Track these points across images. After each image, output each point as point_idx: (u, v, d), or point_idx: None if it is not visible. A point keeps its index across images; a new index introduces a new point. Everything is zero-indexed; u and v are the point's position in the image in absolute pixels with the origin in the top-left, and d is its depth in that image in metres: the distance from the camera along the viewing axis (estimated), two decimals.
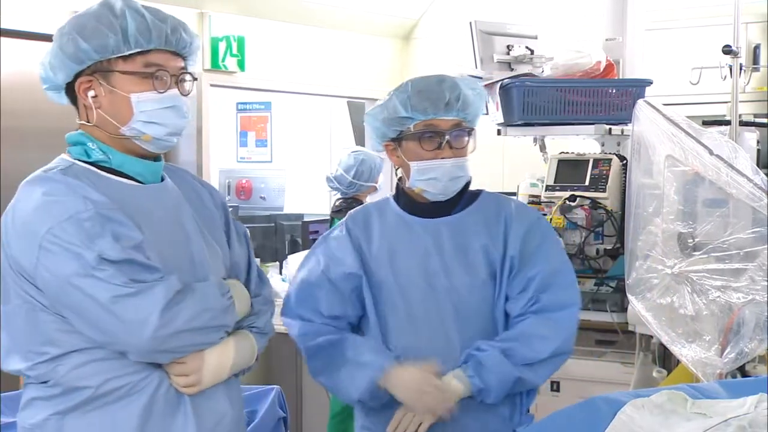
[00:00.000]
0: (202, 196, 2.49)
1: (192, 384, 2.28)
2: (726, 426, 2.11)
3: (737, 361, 3.06)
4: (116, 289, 2.14)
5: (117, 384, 2.23)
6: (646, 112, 3.52)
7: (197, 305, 2.23)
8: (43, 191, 2.19)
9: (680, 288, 3.24)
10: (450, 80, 2.79)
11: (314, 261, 2.87)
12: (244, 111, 8.93)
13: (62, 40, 2.27)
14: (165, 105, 2.29)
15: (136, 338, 2.16)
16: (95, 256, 2.14)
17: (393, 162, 2.86)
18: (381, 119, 2.79)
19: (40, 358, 2.23)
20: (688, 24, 6.04)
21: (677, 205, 3.35)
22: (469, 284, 2.79)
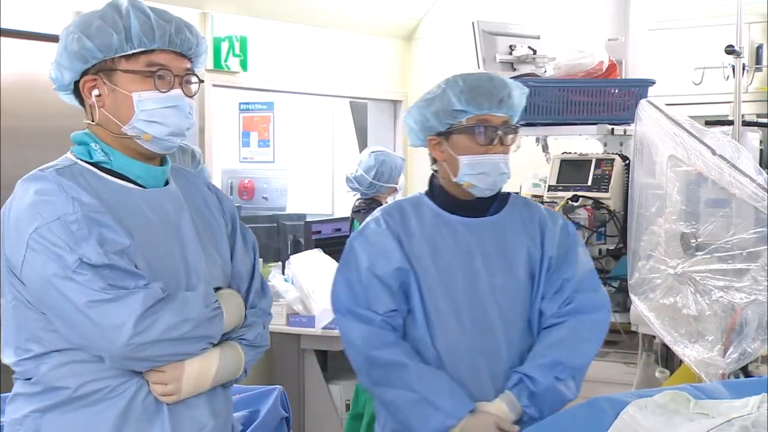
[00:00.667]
0: (209, 202, 2.47)
1: (170, 393, 2.26)
2: (729, 426, 2.11)
3: (740, 361, 3.06)
4: (92, 294, 2.14)
5: (95, 387, 2.22)
6: (649, 112, 3.52)
7: (177, 315, 2.21)
8: (36, 190, 2.20)
9: (683, 288, 3.24)
10: (499, 79, 2.84)
11: (356, 258, 2.81)
12: (247, 111, 8.93)
13: (68, 39, 2.28)
14: (167, 104, 2.29)
15: (109, 344, 2.16)
16: (75, 259, 2.14)
17: (436, 157, 2.84)
18: (431, 111, 2.79)
19: (25, 355, 2.24)
20: (691, 24, 6.03)
21: (680, 205, 3.35)
22: (511, 284, 2.82)
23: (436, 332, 2.76)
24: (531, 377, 2.72)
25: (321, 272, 5.81)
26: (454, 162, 2.79)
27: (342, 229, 5.98)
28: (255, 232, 6.35)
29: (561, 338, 2.77)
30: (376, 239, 2.81)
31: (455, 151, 2.78)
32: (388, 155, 5.31)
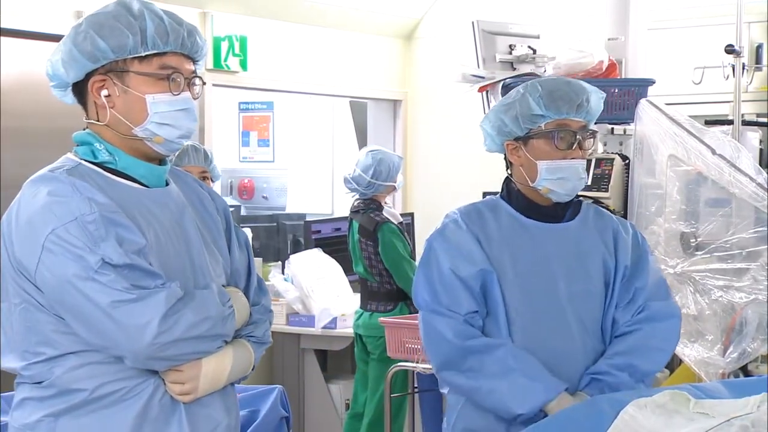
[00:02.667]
0: (205, 201, 2.47)
1: (187, 392, 2.27)
2: (729, 426, 2.11)
3: (740, 360, 3.06)
4: (117, 294, 2.13)
5: (112, 388, 2.22)
6: (649, 112, 3.52)
7: (198, 314, 2.22)
8: (49, 191, 2.18)
9: (683, 287, 3.24)
10: (577, 83, 2.86)
11: (437, 258, 2.81)
12: (247, 111, 8.93)
13: (78, 37, 2.26)
14: (178, 107, 2.29)
15: (134, 344, 2.15)
16: (98, 260, 2.13)
17: (513, 161, 2.85)
18: (510, 116, 2.79)
19: (35, 358, 2.22)
20: (691, 23, 6.03)
21: (680, 204, 3.35)
22: (588, 291, 2.83)
23: (517, 334, 2.78)
24: (604, 373, 2.75)
25: (321, 272, 5.82)
26: (532, 167, 2.80)
27: (342, 228, 5.98)
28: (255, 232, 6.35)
29: (633, 344, 2.79)
30: (457, 240, 2.81)
31: (534, 156, 2.79)
32: (386, 154, 5.31)
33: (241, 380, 2.46)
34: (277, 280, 5.85)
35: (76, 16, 5.30)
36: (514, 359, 2.70)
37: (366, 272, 5.22)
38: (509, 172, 2.89)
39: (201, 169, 3.92)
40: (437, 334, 2.76)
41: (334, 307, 5.69)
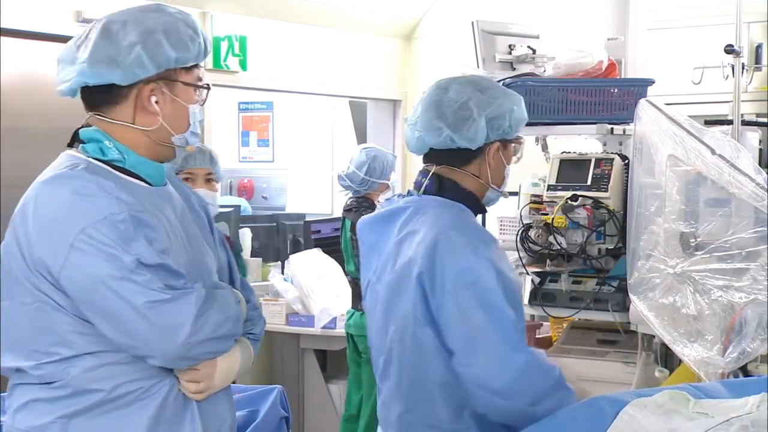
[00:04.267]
0: (191, 199, 2.49)
1: (202, 390, 2.29)
2: (728, 426, 2.11)
3: (739, 360, 3.06)
4: (152, 294, 2.14)
5: (129, 388, 2.22)
6: (648, 112, 3.52)
7: (221, 314, 2.25)
8: (72, 189, 2.17)
9: (682, 288, 3.24)
10: None
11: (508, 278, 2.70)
12: (246, 111, 8.94)
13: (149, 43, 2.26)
14: (201, 117, 2.38)
15: (167, 344, 2.17)
16: (133, 260, 2.14)
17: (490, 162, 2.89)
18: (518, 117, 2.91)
19: (47, 358, 2.20)
20: (691, 23, 6.03)
21: (679, 204, 3.34)
22: None
23: None
24: None
25: (320, 272, 5.82)
26: (501, 171, 2.89)
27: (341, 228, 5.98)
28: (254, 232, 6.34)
29: None
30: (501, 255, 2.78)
31: (506, 161, 2.89)
32: (380, 151, 5.31)
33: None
34: (277, 280, 5.85)
35: (76, 16, 5.31)
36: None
37: (357, 271, 5.22)
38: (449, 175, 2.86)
39: (207, 171, 3.92)
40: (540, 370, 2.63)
41: (334, 307, 5.69)
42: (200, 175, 3.88)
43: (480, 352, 2.57)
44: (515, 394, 2.56)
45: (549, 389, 2.58)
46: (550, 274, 4.02)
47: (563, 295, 3.95)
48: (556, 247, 3.89)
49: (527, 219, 4.03)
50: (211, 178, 3.93)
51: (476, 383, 2.58)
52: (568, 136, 4.38)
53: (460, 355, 2.60)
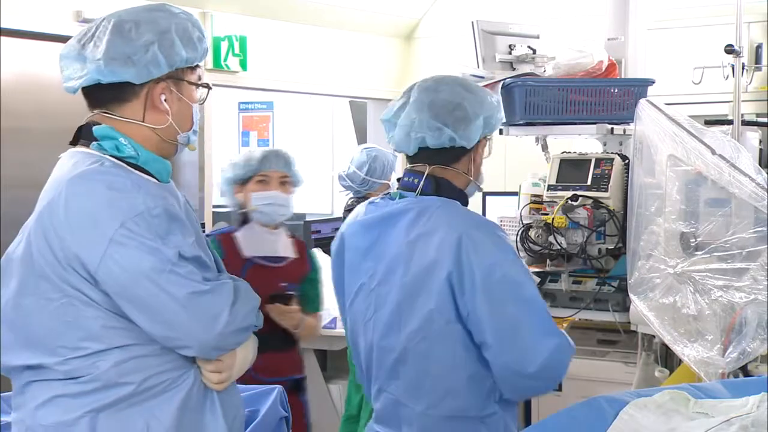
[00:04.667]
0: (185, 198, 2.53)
1: (224, 380, 2.34)
2: (728, 425, 2.11)
3: (739, 360, 3.06)
4: (194, 285, 2.20)
5: (158, 380, 2.26)
6: (649, 112, 3.52)
7: (247, 304, 2.31)
8: (108, 185, 2.21)
9: (682, 288, 3.24)
10: None
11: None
12: (246, 111, 8.93)
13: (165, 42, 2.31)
14: (200, 115, 2.46)
15: (206, 334, 2.22)
16: (175, 252, 2.19)
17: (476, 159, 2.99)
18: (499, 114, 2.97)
19: (74, 354, 2.22)
20: (691, 23, 6.03)
21: (679, 204, 3.34)
22: None
23: None
24: None
25: None
26: (480, 166, 2.99)
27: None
28: None
29: None
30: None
31: (483, 157, 2.99)
32: (381, 151, 5.30)
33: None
34: None
35: (76, 16, 5.30)
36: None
37: None
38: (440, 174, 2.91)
39: (281, 174, 3.93)
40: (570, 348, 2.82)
41: (334, 307, 5.67)
42: (275, 178, 3.91)
43: (518, 340, 2.72)
44: (548, 376, 2.78)
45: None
46: (551, 274, 4.02)
47: (563, 295, 3.96)
48: (556, 247, 3.89)
49: (527, 219, 4.03)
50: (286, 181, 3.94)
51: (511, 370, 2.73)
52: (568, 136, 4.38)
53: (497, 347, 2.73)
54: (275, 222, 3.87)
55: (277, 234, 3.89)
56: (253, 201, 3.86)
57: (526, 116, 4.09)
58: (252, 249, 3.83)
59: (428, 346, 2.77)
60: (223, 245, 3.83)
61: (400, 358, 2.83)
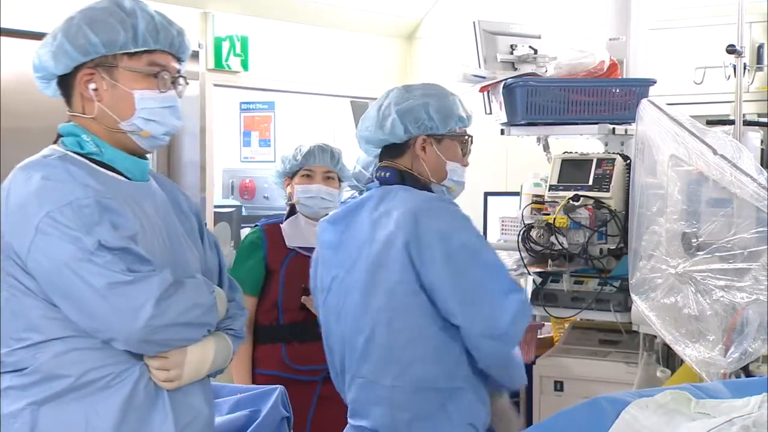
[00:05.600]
0: (180, 201, 2.51)
1: (172, 379, 2.28)
2: (730, 426, 2.11)
3: (741, 360, 3.06)
4: (113, 275, 2.16)
5: (98, 374, 2.22)
6: (650, 112, 3.52)
7: (189, 299, 2.25)
8: (42, 175, 2.22)
9: (684, 288, 3.24)
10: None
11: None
12: (248, 111, 8.92)
13: (70, 30, 2.32)
14: (165, 104, 2.35)
15: (128, 326, 2.17)
16: (94, 242, 2.15)
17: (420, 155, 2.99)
18: (436, 108, 2.96)
19: (18, 344, 2.22)
20: (692, 23, 6.02)
21: (681, 204, 3.34)
22: None
23: None
24: None
25: None
26: (440, 165, 2.99)
27: None
28: None
29: None
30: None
31: (445, 156, 2.98)
32: None
33: (218, 373, 2.47)
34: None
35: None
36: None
37: None
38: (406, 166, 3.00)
39: (325, 169, 3.99)
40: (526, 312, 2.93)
41: None
42: (319, 173, 3.98)
43: (484, 303, 2.81)
44: (515, 333, 2.86)
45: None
46: (552, 275, 4.02)
47: (565, 295, 3.96)
48: (557, 247, 3.89)
49: (529, 219, 4.03)
50: (331, 176, 3.98)
51: (483, 333, 2.81)
52: (569, 136, 4.38)
53: (465, 313, 2.81)
54: (318, 215, 3.92)
55: None
56: (296, 194, 3.94)
57: (528, 116, 4.09)
58: (295, 240, 3.89)
59: (393, 318, 2.85)
60: (267, 235, 3.90)
61: (370, 337, 2.89)
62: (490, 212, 5.73)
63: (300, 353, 3.75)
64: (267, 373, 3.75)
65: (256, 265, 3.86)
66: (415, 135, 2.98)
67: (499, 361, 2.89)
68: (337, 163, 4.04)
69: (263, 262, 3.85)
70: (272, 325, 3.81)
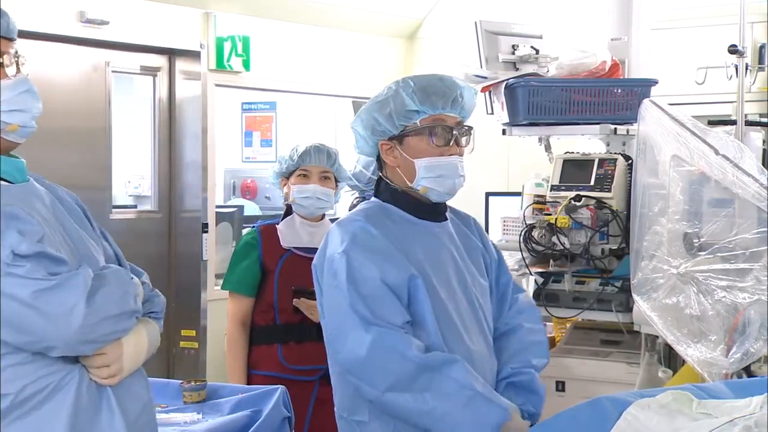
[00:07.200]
0: (63, 196, 2.40)
1: (114, 374, 2.22)
2: (732, 426, 2.11)
3: (743, 361, 3.06)
4: (37, 283, 2.07)
5: (37, 387, 2.14)
6: (652, 112, 3.52)
7: (116, 290, 2.19)
8: None
9: (686, 288, 3.24)
10: (449, 79, 2.75)
11: (360, 269, 2.60)
12: (249, 111, 8.93)
13: None
14: (21, 90, 2.24)
15: (64, 331, 2.09)
16: (8, 253, 2.06)
17: (388, 162, 2.75)
18: (384, 114, 2.71)
19: None
20: (694, 23, 6.02)
21: (683, 205, 3.34)
22: (484, 288, 2.82)
23: (448, 340, 2.65)
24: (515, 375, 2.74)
25: None
26: (409, 166, 2.71)
27: None
28: None
29: (521, 343, 2.81)
30: (378, 247, 2.64)
31: (411, 155, 2.70)
32: None
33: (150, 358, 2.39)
34: None
35: (79, 16, 5.30)
36: (467, 378, 2.54)
37: None
38: (383, 173, 2.80)
39: (322, 169, 3.97)
40: (389, 351, 2.53)
41: None
42: (315, 173, 3.96)
43: (341, 336, 2.60)
44: (369, 376, 2.55)
45: (409, 372, 2.53)
46: (554, 275, 4.02)
47: (566, 295, 3.96)
48: (559, 248, 3.89)
49: (530, 219, 4.03)
50: (327, 176, 3.98)
51: (344, 367, 2.62)
52: (571, 136, 4.38)
53: (329, 343, 2.67)
54: (314, 215, 3.92)
55: (317, 226, 3.93)
56: (293, 194, 3.93)
57: (529, 116, 4.09)
58: (290, 240, 3.88)
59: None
60: (262, 235, 3.89)
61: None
62: (491, 212, 5.74)
63: (296, 353, 3.74)
64: (263, 374, 3.74)
65: (251, 266, 3.86)
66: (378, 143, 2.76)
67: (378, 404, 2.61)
68: (334, 163, 4.04)
69: (258, 262, 3.85)
70: (268, 325, 3.80)
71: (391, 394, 2.54)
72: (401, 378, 2.53)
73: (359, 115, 2.80)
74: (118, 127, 5.92)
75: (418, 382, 2.53)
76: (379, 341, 2.54)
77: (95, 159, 5.71)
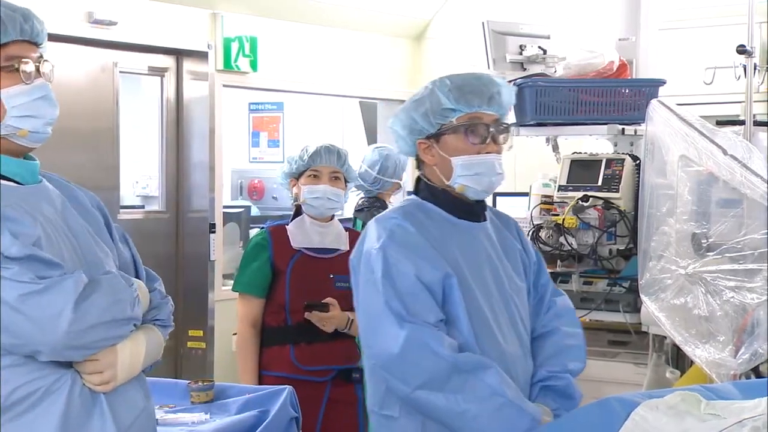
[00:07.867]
0: (80, 198, 2.40)
1: (107, 381, 2.20)
2: (740, 427, 2.10)
3: (751, 361, 3.05)
4: (23, 286, 2.06)
5: (27, 391, 2.13)
6: (660, 112, 3.51)
7: (108, 297, 2.16)
8: None
9: (694, 288, 3.23)
10: (487, 77, 2.76)
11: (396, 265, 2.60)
12: (257, 111, 8.93)
13: None
14: (36, 96, 2.24)
15: (50, 336, 2.07)
16: None
17: (427, 161, 2.75)
18: (420, 113, 2.71)
19: None
20: (702, 24, 6.02)
21: (691, 205, 3.34)
22: (520, 290, 2.81)
23: (482, 340, 2.64)
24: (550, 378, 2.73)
25: None
26: (446, 164, 2.70)
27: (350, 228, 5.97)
28: None
29: (558, 347, 2.79)
30: (414, 244, 2.64)
31: (447, 153, 2.70)
32: (392, 151, 5.30)
33: (153, 367, 2.39)
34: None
35: (87, 17, 5.32)
36: (501, 384, 2.53)
37: None
38: (422, 172, 2.80)
39: (332, 170, 3.96)
40: (422, 348, 2.52)
41: None
42: (325, 173, 3.95)
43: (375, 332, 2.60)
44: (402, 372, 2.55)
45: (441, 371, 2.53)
46: (561, 275, 4.02)
47: (574, 295, 3.95)
48: (566, 248, 3.89)
49: (538, 219, 4.03)
50: (337, 176, 3.98)
51: (376, 363, 2.62)
52: (578, 136, 4.38)
53: (363, 337, 2.67)
54: (324, 215, 3.91)
55: (327, 227, 3.92)
56: (303, 194, 3.94)
57: (537, 117, 4.09)
58: (300, 241, 3.88)
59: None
60: (273, 236, 3.89)
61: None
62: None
63: (308, 354, 3.74)
64: (275, 375, 3.74)
65: (262, 267, 3.86)
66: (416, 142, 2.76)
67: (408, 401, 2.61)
68: (344, 163, 4.04)
69: (269, 263, 3.85)
70: (280, 326, 3.80)
71: (422, 391, 2.53)
72: (433, 376, 2.52)
73: (398, 114, 2.80)
74: (125, 127, 5.93)
75: (451, 383, 2.52)
76: (413, 338, 2.53)
77: (103, 159, 5.72)
